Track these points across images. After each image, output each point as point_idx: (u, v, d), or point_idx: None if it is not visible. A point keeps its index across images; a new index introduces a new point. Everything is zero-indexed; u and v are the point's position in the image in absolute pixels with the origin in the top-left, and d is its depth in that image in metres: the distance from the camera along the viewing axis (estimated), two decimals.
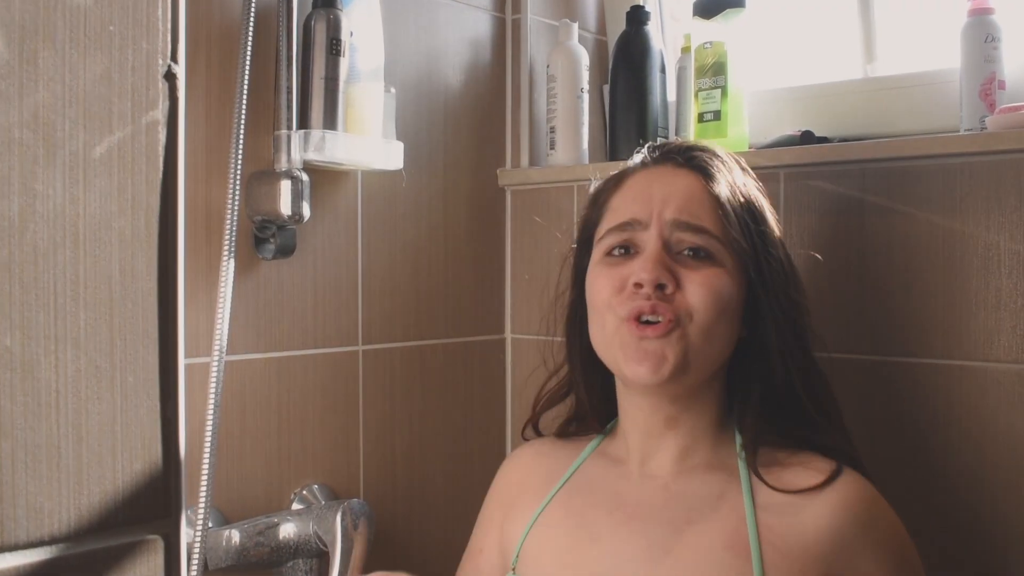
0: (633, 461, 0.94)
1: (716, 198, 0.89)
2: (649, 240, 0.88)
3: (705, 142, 0.99)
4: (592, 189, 1.02)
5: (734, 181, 0.92)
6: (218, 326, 1.01)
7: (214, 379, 0.99)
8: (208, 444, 0.97)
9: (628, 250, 0.90)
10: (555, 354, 1.04)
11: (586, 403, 1.01)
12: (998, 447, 1.03)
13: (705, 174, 0.91)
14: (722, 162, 0.94)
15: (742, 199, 0.91)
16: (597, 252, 0.93)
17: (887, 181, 1.11)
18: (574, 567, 0.90)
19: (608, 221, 0.93)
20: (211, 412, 0.98)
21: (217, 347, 1.00)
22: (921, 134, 1.11)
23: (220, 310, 1.01)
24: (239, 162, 1.04)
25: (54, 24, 0.43)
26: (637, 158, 0.99)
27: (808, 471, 0.86)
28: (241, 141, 1.04)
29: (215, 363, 1.00)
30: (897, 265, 1.11)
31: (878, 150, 1.11)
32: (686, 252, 0.88)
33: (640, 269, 0.86)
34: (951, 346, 1.07)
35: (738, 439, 0.91)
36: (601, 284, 0.90)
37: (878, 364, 1.12)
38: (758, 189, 0.95)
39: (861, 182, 1.13)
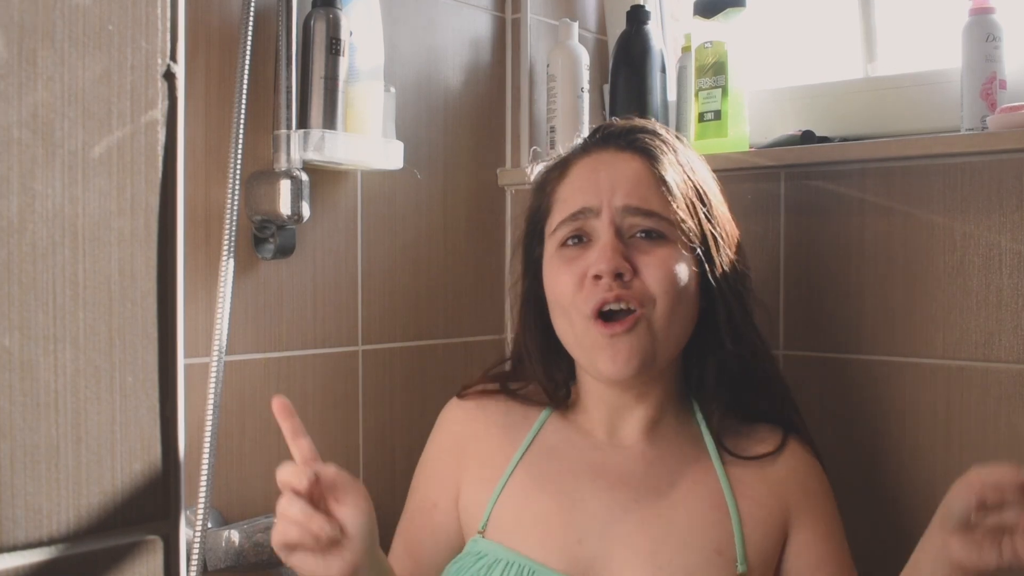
0: (600, 431, 0.96)
1: (662, 180, 0.90)
2: (602, 228, 0.89)
3: (644, 121, 0.99)
4: (534, 177, 1.02)
5: (679, 161, 0.93)
6: (217, 326, 1.01)
7: (214, 379, 0.99)
8: (207, 444, 0.97)
9: (582, 239, 0.91)
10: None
11: (543, 382, 0.99)
12: (999, 447, 1.03)
13: (649, 156, 0.92)
14: (664, 142, 0.94)
15: (687, 178, 0.93)
16: (551, 244, 0.93)
17: (888, 181, 1.11)
18: (562, 530, 0.89)
19: (559, 212, 0.93)
20: (210, 412, 0.98)
21: (217, 347, 1.00)
22: (922, 134, 1.11)
23: (220, 310, 1.01)
24: (239, 162, 1.04)
25: (53, 23, 0.43)
26: (578, 143, 0.99)
27: (760, 436, 0.96)
28: (241, 141, 1.04)
29: (215, 363, 0.99)
30: (897, 265, 1.10)
31: (879, 150, 1.11)
32: (639, 235, 0.89)
33: (597, 260, 0.87)
34: (952, 346, 1.07)
35: (695, 406, 0.97)
36: (562, 281, 0.90)
37: (877, 364, 1.12)
38: (702, 165, 0.97)
39: (862, 182, 1.13)
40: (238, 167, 1.03)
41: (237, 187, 1.03)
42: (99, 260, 0.44)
